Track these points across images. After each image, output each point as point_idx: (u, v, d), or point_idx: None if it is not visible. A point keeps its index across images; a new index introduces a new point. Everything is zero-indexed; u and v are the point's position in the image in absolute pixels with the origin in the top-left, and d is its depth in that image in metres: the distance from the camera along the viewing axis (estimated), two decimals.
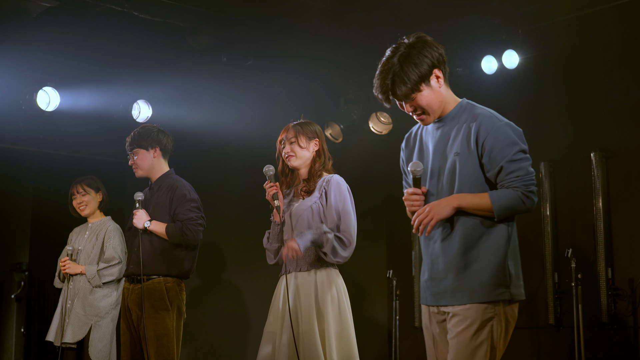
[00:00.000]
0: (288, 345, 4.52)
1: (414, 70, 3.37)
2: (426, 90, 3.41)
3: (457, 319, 3.32)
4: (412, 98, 3.41)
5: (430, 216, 3.35)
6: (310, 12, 6.82)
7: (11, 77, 7.28)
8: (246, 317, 8.72)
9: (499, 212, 3.28)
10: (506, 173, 3.30)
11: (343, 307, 4.64)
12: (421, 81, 3.39)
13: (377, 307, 8.56)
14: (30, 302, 9.01)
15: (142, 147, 5.59)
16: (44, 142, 7.97)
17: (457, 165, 3.38)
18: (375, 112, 8.21)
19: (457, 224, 3.36)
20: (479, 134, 3.35)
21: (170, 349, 5.34)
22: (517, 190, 3.28)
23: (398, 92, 3.40)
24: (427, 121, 3.50)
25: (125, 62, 7.74)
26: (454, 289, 3.35)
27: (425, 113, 3.46)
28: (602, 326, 6.82)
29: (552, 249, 7.22)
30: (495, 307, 3.30)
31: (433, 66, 3.41)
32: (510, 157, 3.30)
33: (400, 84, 3.38)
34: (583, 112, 7.25)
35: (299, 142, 4.77)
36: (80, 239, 6.48)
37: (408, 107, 3.46)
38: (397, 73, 3.38)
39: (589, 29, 7.06)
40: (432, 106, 3.44)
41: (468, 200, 3.32)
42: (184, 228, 5.40)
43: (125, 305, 5.48)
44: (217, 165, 8.51)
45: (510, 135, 3.34)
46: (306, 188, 4.73)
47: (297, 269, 4.67)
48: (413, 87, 3.38)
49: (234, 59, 7.49)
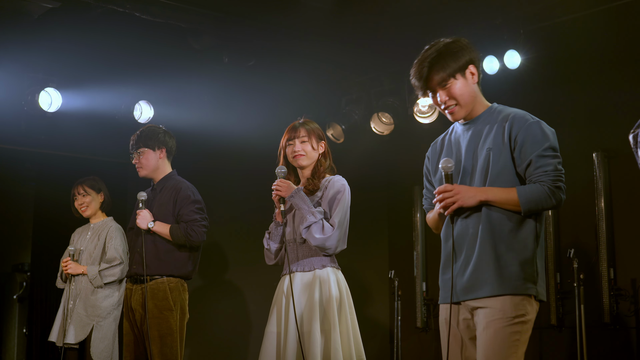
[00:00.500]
0: (294, 345, 4.52)
1: (452, 59, 3.46)
2: (461, 80, 3.48)
3: (487, 310, 3.33)
4: (447, 86, 3.46)
5: (455, 199, 3.38)
6: (312, 12, 6.82)
7: (13, 78, 7.29)
8: (247, 317, 8.72)
9: (525, 206, 3.31)
10: (535, 167, 3.34)
11: (345, 307, 4.64)
12: (457, 70, 3.46)
13: (379, 308, 8.56)
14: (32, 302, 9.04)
15: (148, 146, 5.60)
16: (46, 142, 7.98)
17: (489, 160, 3.40)
18: (377, 113, 8.21)
19: (487, 218, 3.38)
20: (512, 129, 3.40)
21: (174, 348, 5.35)
22: (543, 185, 3.32)
23: (435, 77, 3.45)
24: (458, 114, 3.51)
25: (126, 62, 7.74)
26: (483, 281, 3.35)
27: (458, 104, 3.48)
28: (604, 327, 6.81)
29: (554, 249, 7.21)
30: (525, 305, 3.33)
31: (470, 61, 3.51)
32: (540, 152, 3.34)
33: (438, 69, 3.43)
34: (585, 113, 7.24)
35: (311, 142, 4.78)
36: (82, 239, 6.48)
37: (442, 96, 3.48)
38: (435, 59, 3.45)
39: (591, 29, 7.05)
40: (464, 97, 3.48)
41: (496, 194, 3.35)
42: (188, 229, 5.41)
43: (129, 305, 5.49)
44: (219, 166, 8.51)
45: (542, 131, 3.40)
46: (310, 187, 4.73)
47: (300, 269, 4.67)
48: (450, 73, 3.44)
49: (236, 59, 7.48)
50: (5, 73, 7.24)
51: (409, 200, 8.34)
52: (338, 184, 4.73)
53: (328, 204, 4.67)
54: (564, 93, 7.41)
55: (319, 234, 4.55)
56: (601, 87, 7.16)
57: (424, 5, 6.83)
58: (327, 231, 4.57)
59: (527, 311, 3.33)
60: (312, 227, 4.57)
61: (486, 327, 3.32)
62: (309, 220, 4.57)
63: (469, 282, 3.39)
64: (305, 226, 4.58)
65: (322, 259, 4.66)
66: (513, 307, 3.30)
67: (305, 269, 4.67)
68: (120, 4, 6.47)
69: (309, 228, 4.58)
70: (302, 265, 4.68)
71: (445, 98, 3.47)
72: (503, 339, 3.28)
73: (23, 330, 10.11)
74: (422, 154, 3.82)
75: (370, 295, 8.64)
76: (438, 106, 3.54)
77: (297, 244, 4.70)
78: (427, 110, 7.81)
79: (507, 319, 3.29)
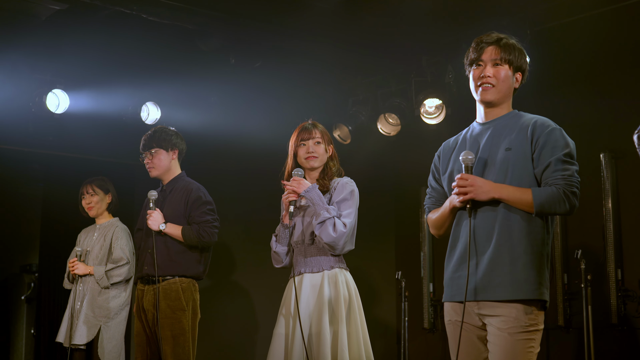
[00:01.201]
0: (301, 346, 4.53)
1: (519, 54, 3.58)
2: (510, 73, 3.54)
3: (502, 319, 3.33)
4: (501, 63, 3.53)
5: (469, 190, 3.39)
6: (319, 14, 6.82)
7: (21, 79, 7.32)
8: (255, 317, 8.73)
9: (538, 208, 3.31)
10: (552, 170, 3.35)
11: (354, 308, 4.64)
12: (514, 64, 3.55)
13: (386, 309, 8.55)
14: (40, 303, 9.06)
15: (162, 147, 5.65)
16: (54, 144, 8.01)
17: (509, 160, 3.41)
18: (384, 114, 8.20)
19: (504, 217, 3.38)
20: (534, 132, 3.43)
21: (187, 348, 5.39)
22: (559, 189, 3.32)
23: (500, 52, 3.52)
24: (488, 94, 3.53)
25: (134, 64, 7.76)
26: (497, 282, 3.34)
27: (495, 87, 3.52)
28: (611, 327, 6.80)
29: (561, 250, 7.20)
30: (537, 313, 3.36)
31: (523, 71, 3.62)
32: (560, 157, 3.36)
33: (507, 50, 3.53)
34: (592, 113, 7.23)
35: (324, 144, 4.80)
36: (88, 240, 6.50)
37: (487, 70, 3.53)
38: (510, 42, 3.56)
39: (598, 30, 7.03)
40: (504, 86, 3.53)
41: (510, 192, 3.36)
42: (200, 230, 5.45)
43: (141, 306, 5.51)
44: (225, 167, 8.52)
45: (563, 138, 3.43)
46: (320, 188, 4.73)
47: (309, 270, 4.68)
48: (510, 60, 3.53)
49: (243, 60, 7.49)
50: (13, 75, 7.26)
51: (416, 201, 8.33)
52: (347, 185, 4.74)
53: (337, 204, 4.68)
54: (571, 93, 7.39)
55: (332, 232, 4.56)
56: (608, 87, 7.14)
57: (430, 6, 6.82)
58: (339, 230, 4.57)
59: (540, 320, 3.36)
60: (326, 222, 4.56)
61: (502, 337, 3.33)
62: (324, 215, 4.57)
63: (482, 282, 3.38)
64: (319, 221, 4.57)
65: (330, 260, 4.66)
66: (526, 315, 3.31)
67: (313, 270, 4.67)
68: (127, 5, 6.49)
69: (323, 224, 4.57)
70: (310, 266, 4.68)
71: (489, 73, 3.51)
72: (519, 349, 3.31)
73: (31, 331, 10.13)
74: (429, 155, 3.82)
75: (377, 296, 8.64)
76: (476, 79, 3.56)
77: (305, 245, 4.70)
78: (433, 111, 7.80)
79: (522, 327, 3.31)
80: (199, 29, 7.08)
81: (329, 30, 7.27)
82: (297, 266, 4.72)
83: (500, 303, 3.34)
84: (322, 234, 4.58)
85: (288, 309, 4.69)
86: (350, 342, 4.57)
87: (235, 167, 8.60)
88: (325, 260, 4.66)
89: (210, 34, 7.16)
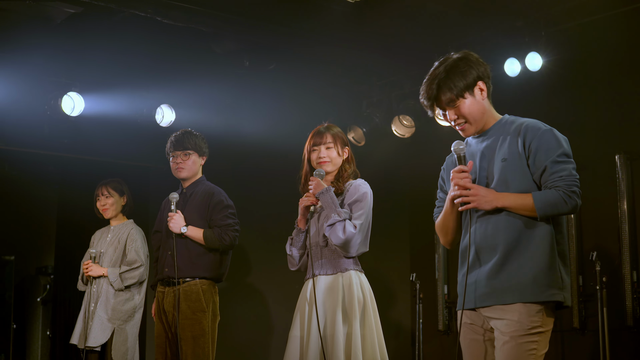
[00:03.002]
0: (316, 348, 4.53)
1: (460, 78, 3.49)
2: (470, 99, 3.50)
3: (505, 323, 3.35)
4: (456, 105, 3.50)
5: (471, 200, 3.41)
6: (333, 16, 6.82)
7: (36, 82, 7.35)
8: (270, 319, 8.73)
9: (541, 211, 3.32)
10: (549, 173, 3.36)
11: (369, 310, 4.64)
12: (465, 89, 3.49)
13: (401, 310, 8.54)
14: (55, 305, 9.09)
15: (197, 151, 5.73)
16: (69, 146, 8.04)
17: (505, 171, 3.43)
18: (398, 116, 8.20)
19: (507, 224, 3.40)
20: (526, 137, 3.42)
21: (206, 349, 5.44)
22: (559, 190, 3.32)
23: (443, 97, 3.49)
24: (468, 131, 3.56)
25: (148, 67, 7.78)
26: (504, 289, 3.36)
27: (468, 122, 3.53)
28: (627, 329, 6.77)
29: (576, 252, 7.18)
30: (542, 315, 3.34)
31: (478, 78, 3.52)
32: (554, 159, 3.36)
33: (446, 90, 3.48)
34: (607, 115, 7.20)
35: (336, 148, 4.79)
36: (102, 241, 6.51)
37: (451, 115, 3.53)
38: (443, 80, 3.50)
39: (613, 31, 7.00)
40: (473, 115, 3.51)
41: (512, 200, 3.37)
42: (222, 234, 5.51)
43: (161, 307, 5.56)
44: (240, 169, 8.53)
45: (555, 138, 3.42)
46: (335, 191, 4.73)
47: (323, 272, 4.68)
48: (457, 93, 3.48)
49: (257, 63, 7.51)
50: (28, 78, 7.30)
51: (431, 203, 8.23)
52: (360, 187, 4.73)
53: (349, 206, 4.67)
54: (586, 95, 7.37)
55: (341, 234, 4.56)
56: (623, 88, 7.12)
57: (444, 8, 6.81)
58: (348, 232, 4.57)
59: (544, 322, 3.35)
60: (336, 225, 4.57)
61: (503, 340, 3.34)
62: (334, 218, 4.58)
63: (488, 288, 3.41)
64: (329, 224, 4.59)
65: (345, 262, 4.66)
66: (530, 318, 3.32)
67: (328, 272, 4.68)
68: (142, 8, 6.51)
69: (332, 226, 4.58)
70: (325, 268, 4.69)
71: (454, 117, 3.52)
72: (520, 352, 3.30)
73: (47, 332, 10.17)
74: (443, 157, 3.82)
75: (392, 297, 8.63)
76: (449, 122, 3.58)
77: (320, 247, 4.71)
78: None
79: (525, 330, 3.31)
80: (213, 32, 7.10)
81: (343, 33, 7.27)
82: (313, 268, 4.72)
83: (505, 306, 3.36)
84: (331, 236, 4.58)
85: (303, 311, 4.70)
86: (365, 344, 4.57)
87: (249, 169, 8.61)
88: (339, 263, 4.66)
89: (224, 36, 7.17)
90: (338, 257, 4.66)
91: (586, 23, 6.99)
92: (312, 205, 4.68)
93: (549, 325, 3.38)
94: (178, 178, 5.77)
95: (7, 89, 7.21)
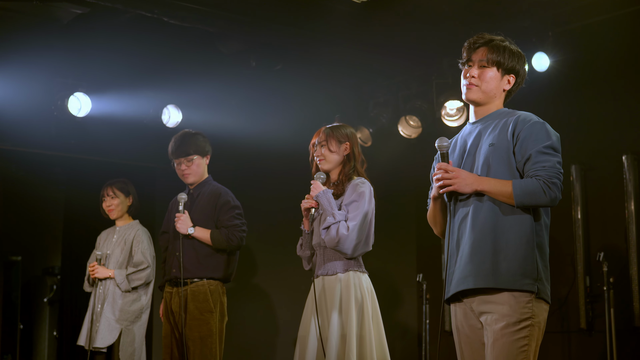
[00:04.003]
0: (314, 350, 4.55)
1: (509, 55, 3.56)
2: (498, 75, 3.57)
3: (493, 317, 3.33)
4: (487, 65, 3.55)
5: (452, 182, 3.43)
6: (339, 17, 6.82)
7: (43, 83, 7.36)
8: (276, 320, 8.73)
9: (518, 198, 3.31)
10: (533, 162, 3.36)
11: (367, 311, 4.62)
12: (502, 66, 3.56)
13: (407, 311, 8.54)
14: (62, 305, 9.10)
15: (199, 153, 5.69)
16: (76, 147, 8.05)
17: (491, 155, 3.44)
18: (405, 116, 8.19)
19: (486, 211, 3.40)
20: (516, 126, 3.44)
21: (214, 350, 5.44)
22: (539, 180, 3.31)
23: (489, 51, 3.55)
24: (471, 94, 3.57)
25: (155, 67, 7.79)
26: (478, 271, 3.35)
27: (479, 87, 3.56)
28: (634, 330, 6.76)
29: (583, 253, 7.17)
30: (531, 307, 3.30)
31: (516, 72, 3.60)
32: (540, 149, 3.37)
33: (494, 51, 3.55)
34: (614, 115, 7.19)
35: (329, 145, 4.79)
36: (108, 242, 6.51)
37: (473, 71, 3.56)
38: (499, 43, 3.57)
39: (620, 31, 6.99)
40: (489, 87, 3.56)
41: (491, 185, 3.37)
42: (229, 235, 5.51)
43: (169, 308, 5.56)
44: (246, 169, 8.53)
45: (545, 131, 3.43)
46: (336, 192, 4.74)
47: (325, 272, 4.69)
48: (496, 61, 3.54)
49: (263, 63, 7.51)
50: (35, 78, 7.31)
51: None
52: (358, 187, 4.71)
53: (346, 207, 4.67)
54: (593, 95, 7.36)
55: (334, 235, 4.55)
56: (630, 89, 7.11)
57: (451, 8, 6.81)
58: (341, 234, 4.56)
59: (534, 313, 3.31)
60: (330, 228, 4.58)
61: (493, 336, 3.32)
62: (328, 221, 4.59)
63: (464, 272, 3.40)
64: (324, 227, 4.60)
65: (346, 263, 4.66)
66: (518, 310, 3.29)
67: (328, 273, 4.69)
68: (148, 9, 6.51)
69: (327, 229, 4.59)
70: (326, 269, 4.70)
71: (475, 74, 3.55)
72: (510, 347, 3.28)
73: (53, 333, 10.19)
74: None
75: (399, 298, 8.63)
76: (463, 77, 3.61)
77: (322, 248, 4.72)
78: (455, 114, 7.78)
79: (513, 324, 3.29)
80: (219, 32, 7.10)
81: (350, 33, 7.27)
82: (316, 269, 4.75)
83: (490, 297, 3.34)
84: (326, 238, 4.60)
85: (307, 312, 4.74)
86: (362, 345, 4.55)
87: (256, 170, 8.61)
88: (340, 264, 4.67)
89: (231, 37, 7.17)
90: (339, 258, 4.67)
91: (593, 23, 6.98)
92: (312, 207, 4.68)
93: (540, 316, 3.34)
94: (186, 183, 5.77)
95: (14, 90, 7.22)
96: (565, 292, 7.21)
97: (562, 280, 7.19)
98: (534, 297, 3.31)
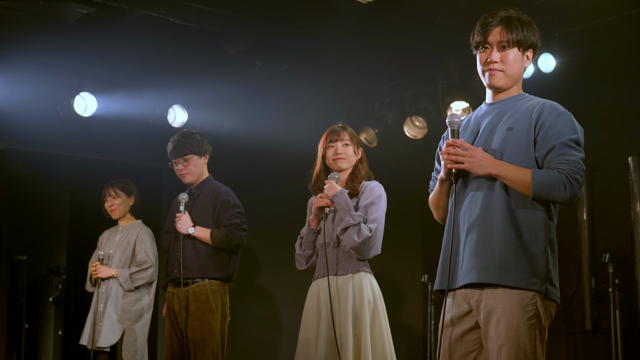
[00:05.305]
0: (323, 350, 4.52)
1: (528, 30, 3.32)
2: (520, 55, 3.31)
3: (497, 316, 3.09)
4: (508, 46, 3.29)
5: (465, 160, 3.16)
6: (345, 16, 6.82)
7: (48, 82, 7.37)
8: (279, 320, 8.73)
9: (536, 190, 3.08)
10: (556, 154, 3.12)
11: (378, 312, 4.63)
12: (523, 44, 3.30)
13: (412, 312, 8.53)
14: (67, 305, 9.12)
15: (195, 153, 5.66)
16: (81, 146, 8.06)
17: (507, 140, 3.20)
18: (410, 117, 8.19)
19: (497, 200, 3.16)
20: (541, 114, 3.20)
21: (216, 350, 5.43)
22: (562, 173, 3.08)
23: (508, 30, 3.27)
24: (497, 80, 3.31)
25: (160, 67, 7.80)
26: (484, 267, 3.12)
27: (504, 72, 3.30)
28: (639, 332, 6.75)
29: (589, 254, 7.16)
30: (536, 305, 3.09)
31: (535, 46, 3.36)
32: (565, 141, 3.13)
33: (513, 29, 3.28)
34: (620, 116, 7.18)
35: (353, 146, 4.80)
36: (110, 242, 6.52)
37: (494, 56, 3.29)
38: (515, 19, 3.30)
39: (625, 32, 6.99)
40: (514, 70, 3.31)
41: (509, 171, 3.12)
42: (229, 234, 5.49)
43: (171, 308, 5.55)
44: (251, 169, 8.54)
45: (572, 123, 3.20)
46: (349, 192, 4.72)
47: (334, 273, 4.67)
48: (519, 40, 3.28)
49: (269, 64, 7.52)
50: (41, 78, 7.32)
51: None
52: (376, 189, 4.73)
53: (364, 209, 4.67)
54: (599, 96, 7.35)
55: (356, 237, 4.55)
56: (637, 90, 7.09)
57: (457, 9, 6.80)
58: (364, 235, 4.56)
59: (541, 313, 3.10)
60: (350, 229, 4.57)
61: (498, 340, 3.10)
62: (347, 222, 4.57)
63: (468, 265, 3.18)
64: (343, 227, 4.58)
65: (357, 264, 4.66)
66: (523, 309, 3.08)
67: (339, 273, 4.67)
68: (154, 9, 6.52)
69: (346, 230, 4.58)
70: (336, 269, 4.68)
71: (496, 58, 3.29)
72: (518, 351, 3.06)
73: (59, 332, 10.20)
74: None
75: (404, 299, 8.62)
76: (482, 64, 3.34)
77: (331, 247, 4.70)
78: (461, 114, 7.77)
79: (519, 326, 3.08)
80: (225, 32, 7.11)
81: (356, 33, 7.27)
82: (322, 268, 4.72)
83: (494, 293, 3.12)
84: (345, 239, 4.58)
85: (312, 313, 4.69)
86: (375, 346, 4.56)
87: (261, 170, 8.62)
88: (351, 264, 4.66)
89: (236, 37, 7.18)
90: (350, 258, 4.66)
91: (599, 24, 6.98)
92: (326, 206, 4.66)
93: (544, 319, 3.13)
94: (185, 183, 5.76)
95: (19, 89, 7.23)
96: (571, 293, 7.20)
97: (567, 282, 7.17)
98: (542, 296, 3.11)
